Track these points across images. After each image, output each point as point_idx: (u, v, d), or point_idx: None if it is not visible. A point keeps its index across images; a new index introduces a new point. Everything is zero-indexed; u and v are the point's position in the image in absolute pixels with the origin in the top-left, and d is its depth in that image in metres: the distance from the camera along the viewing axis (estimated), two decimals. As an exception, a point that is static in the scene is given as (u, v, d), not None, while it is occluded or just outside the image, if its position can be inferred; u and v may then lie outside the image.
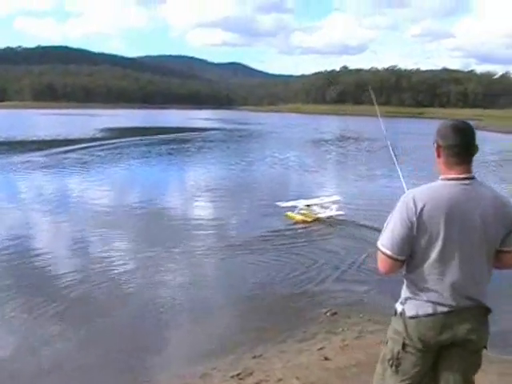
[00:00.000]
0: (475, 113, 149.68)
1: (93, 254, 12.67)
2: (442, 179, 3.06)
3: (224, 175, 25.72)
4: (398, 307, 3.23)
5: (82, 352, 7.72)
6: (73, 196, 20.62)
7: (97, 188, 22.15)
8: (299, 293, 10.08)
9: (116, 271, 11.23)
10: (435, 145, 3.10)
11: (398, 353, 3.16)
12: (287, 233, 15.15)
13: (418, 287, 3.11)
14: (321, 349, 7.25)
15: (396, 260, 3.06)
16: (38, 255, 12.33)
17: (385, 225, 3.12)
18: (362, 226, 15.52)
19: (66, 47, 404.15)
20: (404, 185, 4.08)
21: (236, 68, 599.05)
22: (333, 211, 16.81)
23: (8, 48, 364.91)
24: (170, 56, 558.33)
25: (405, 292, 3.21)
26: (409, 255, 3.07)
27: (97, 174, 26.24)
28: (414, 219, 2.96)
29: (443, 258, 2.99)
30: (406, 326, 3.13)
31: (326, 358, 6.77)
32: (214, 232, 15.20)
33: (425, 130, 77.01)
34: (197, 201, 20.08)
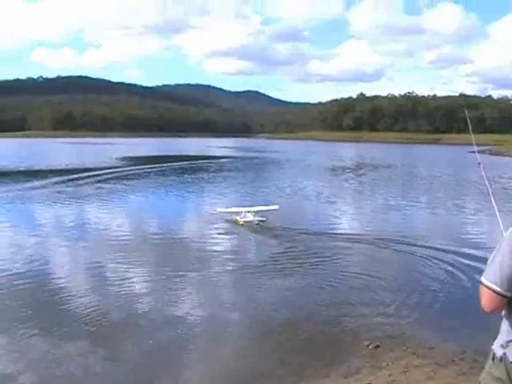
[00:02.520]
0: (493, 138, 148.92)
1: (110, 279, 12.59)
2: None
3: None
4: (498, 351, 2.93)
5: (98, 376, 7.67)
6: (90, 223, 20.73)
7: (114, 215, 22.25)
8: (337, 322, 9.83)
9: (137, 299, 11.10)
10: None
11: None
12: (312, 255, 14.92)
13: None
14: (369, 384, 7.00)
15: (504, 297, 2.80)
16: (56, 279, 12.32)
17: (490, 259, 2.89)
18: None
19: (86, 77, 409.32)
20: (499, 218, 3.86)
21: (253, 96, 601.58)
22: (256, 218, 19.95)
23: (29, 78, 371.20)
24: (187, 84, 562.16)
25: (507, 334, 2.91)
26: None
27: (114, 202, 26.30)
28: None
29: None
30: (509, 373, 2.85)
31: (376, 395, 6.55)
32: (235, 257, 15.10)
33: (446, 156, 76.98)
34: (214, 228, 19.91)
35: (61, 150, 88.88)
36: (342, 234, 18.93)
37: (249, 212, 20.40)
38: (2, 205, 24.73)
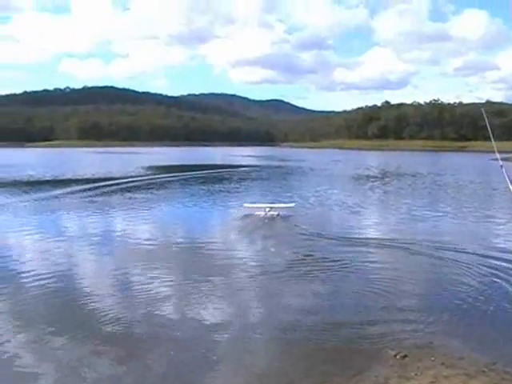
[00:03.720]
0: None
1: (135, 286, 12.62)
2: None
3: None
4: None
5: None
6: (117, 231, 20.95)
7: (140, 223, 22.41)
8: (363, 330, 9.72)
9: (163, 307, 11.10)
10: None
11: None
12: (336, 261, 14.78)
13: None
14: (397, 395, 6.91)
15: None
16: (82, 286, 12.43)
17: None
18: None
19: (112, 87, 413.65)
20: None
21: (277, 105, 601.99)
22: (276, 211, 23.79)
23: (57, 89, 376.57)
24: (211, 94, 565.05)
25: None
26: None
27: (140, 210, 26.43)
28: None
29: None
30: None
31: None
32: (258, 263, 15.03)
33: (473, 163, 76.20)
34: (236, 235, 19.92)
35: (87, 160, 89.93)
36: (365, 239, 18.94)
37: (270, 208, 23.86)
38: (31, 213, 25.06)
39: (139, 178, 46.97)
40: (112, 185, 39.81)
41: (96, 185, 39.11)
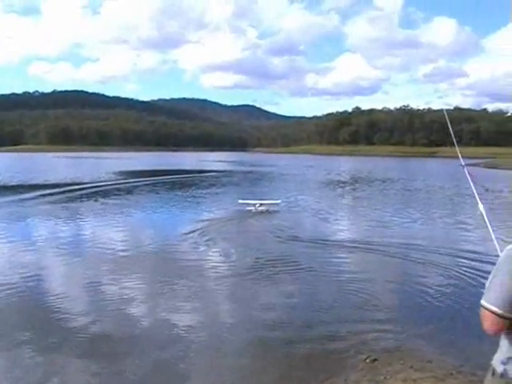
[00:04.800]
0: (489, 151, 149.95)
1: (105, 293, 12.32)
2: None
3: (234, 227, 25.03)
4: (498, 367, 2.90)
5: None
6: (82, 236, 20.46)
7: (108, 229, 21.89)
8: (334, 335, 9.59)
9: (131, 311, 10.87)
10: None
11: None
12: (305, 267, 14.66)
13: None
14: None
15: (506, 318, 2.77)
16: (50, 294, 12.00)
17: (488, 281, 2.86)
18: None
19: (82, 91, 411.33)
20: (493, 235, 3.78)
21: (249, 110, 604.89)
22: (263, 207, 27.36)
23: (25, 93, 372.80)
24: (183, 99, 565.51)
25: (508, 351, 2.88)
26: None
27: (108, 215, 25.99)
28: None
29: None
30: None
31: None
32: (229, 266, 14.82)
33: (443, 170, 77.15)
34: (201, 242, 19.61)
35: (57, 165, 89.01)
36: (336, 243, 18.83)
37: (260, 204, 27.53)
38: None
39: (108, 183, 46.57)
40: (81, 189, 39.37)
41: (64, 189, 38.65)
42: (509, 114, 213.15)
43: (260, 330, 9.96)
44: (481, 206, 4.16)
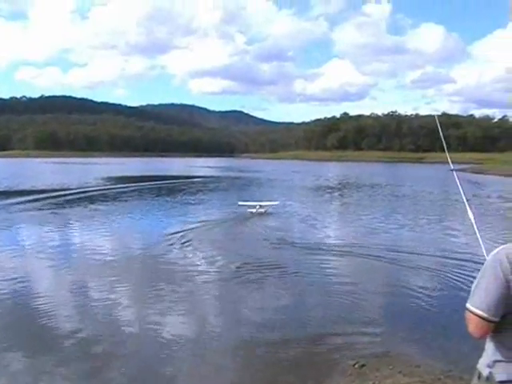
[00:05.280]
0: (476, 157, 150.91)
1: (92, 301, 12.20)
2: None
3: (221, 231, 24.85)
4: (484, 370, 2.93)
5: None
6: (68, 242, 20.20)
7: (94, 236, 21.63)
8: (322, 341, 9.56)
9: (118, 317, 10.78)
10: None
11: None
12: (293, 271, 14.63)
13: (508, 349, 2.85)
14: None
15: (491, 322, 2.80)
16: (36, 301, 11.87)
17: (474, 285, 2.90)
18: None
19: (70, 97, 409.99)
20: (480, 239, 3.80)
21: (237, 116, 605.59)
22: (263, 209, 28.88)
23: (13, 98, 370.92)
24: (171, 104, 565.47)
25: (493, 354, 2.90)
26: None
27: (95, 221, 25.81)
28: (511, 277, 2.74)
29: None
30: None
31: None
32: (212, 272, 14.78)
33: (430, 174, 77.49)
34: (193, 246, 19.49)
35: (44, 170, 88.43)
36: (323, 248, 18.75)
37: (260, 206, 28.82)
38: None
39: (96, 189, 46.52)
40: (67, 195, 39.23)
41: (51, 195, 38.44)
42: (495, 120, 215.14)
43: (247, 336, 9.90)
44: (470, 212, 4.19)
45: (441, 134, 6.26)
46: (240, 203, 30.27)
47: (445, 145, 6.32)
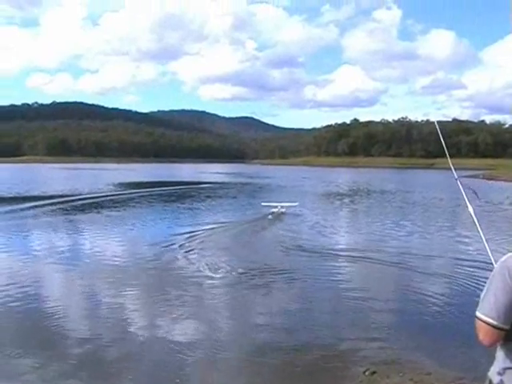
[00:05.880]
0: (487, 162, 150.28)
1: (101, 306, 12.21)
2: None
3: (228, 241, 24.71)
4: (495, 378, 2.90)
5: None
6: (79, 248, 20.34)
7: (106, 241, 21.79)
8: (332, 347, 9.52)
9: (129, 325, 10.77)
10: None
11: None
12: (305, 277, 14.61)
13: None
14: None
15: (501, 329, 2.77)
16: (47, 307, 11.88)
17: (483, 293, 2.86)
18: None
19: (81, 103, 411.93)
20: (487, 247, 3.83)
21: (247, 122, 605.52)
22: (284, 209, 31.64)
23: (24, 104, 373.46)
24: (181, 110, 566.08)
25: (504, 361, 2.87)
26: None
27: (105, 227, 25.93)
28: None
29: None
30: None
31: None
32: (225, 276, 14.73)
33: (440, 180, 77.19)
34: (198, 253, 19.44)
35: (55, 176, 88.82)
36: (335, 254, 18.75)
37: (281, 206, 31.63)
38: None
39: (108, 194, 46.83)
40: (80, 200, 39.67)
41: (63, 200, 38.80)
42: (506, 126, 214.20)
43: (257, 344, 9.87)
44: (476, 222, 4.20)
45: (442, 140, 6.23)
46: (263, 204, 33.35)
47: (447, 152, 6.27)
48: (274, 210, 31.27)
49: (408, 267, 16.53)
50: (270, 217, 29.89)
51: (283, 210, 31.51)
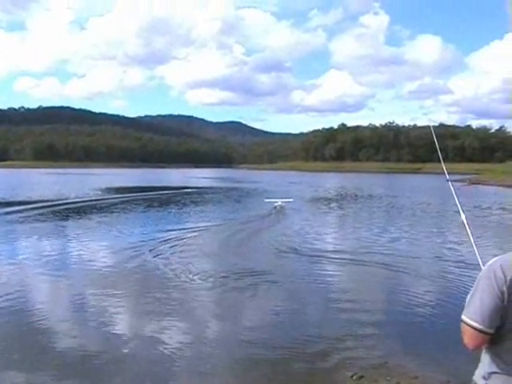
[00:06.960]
0: (473, 167, 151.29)
1: (88, 312, 12.08)
2: None
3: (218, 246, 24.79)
4: (480, 382, 2.93)
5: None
6: (65, 253, 19.92)
7: (91, 246, 21.62)
8: (319, 352, 9.43)
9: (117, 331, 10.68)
10: None
11: None
12: (291, 282, 14.59)
13: (504, 361, 2.81)
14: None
15: (486, 333, 2.78)
16: (34, 313, 11.74)
17: (468, 296, 2.89)
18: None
19: (68, 107, 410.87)
20: (476, 250, 3.88)
21: (235, 127, 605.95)
22: (282, 203, 37.14)
23: (11, 108, 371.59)
24: (169, 115, 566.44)
25: (489, 366, 2.88)
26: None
27: (88, 232, 25.76)
28: (505, 289, 2.70)
29: None
30: None
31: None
32: (210, 278, 14.70)
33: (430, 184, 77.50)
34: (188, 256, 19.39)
35: (42, 181, 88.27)
36: (324, 257, 18.70)
37: (281, 201, 37.47)
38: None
39: (93, 199, 46.98)
40: (65, 204, 39.45)
41: (47, 204, 38.48)
42: (492, 131, 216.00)
43: (243, 348, 9.80)
44: (465, 223, 4.21)
45: (436, 144, 6.24)
46: (266, 200, 39.46)
47: (440, 156, 6.28)
48: (276, 205, 36.80)
49: (397, 270, 16.53)
50: (273, 211, 35.26)
51: (283, 204, 37.14)
